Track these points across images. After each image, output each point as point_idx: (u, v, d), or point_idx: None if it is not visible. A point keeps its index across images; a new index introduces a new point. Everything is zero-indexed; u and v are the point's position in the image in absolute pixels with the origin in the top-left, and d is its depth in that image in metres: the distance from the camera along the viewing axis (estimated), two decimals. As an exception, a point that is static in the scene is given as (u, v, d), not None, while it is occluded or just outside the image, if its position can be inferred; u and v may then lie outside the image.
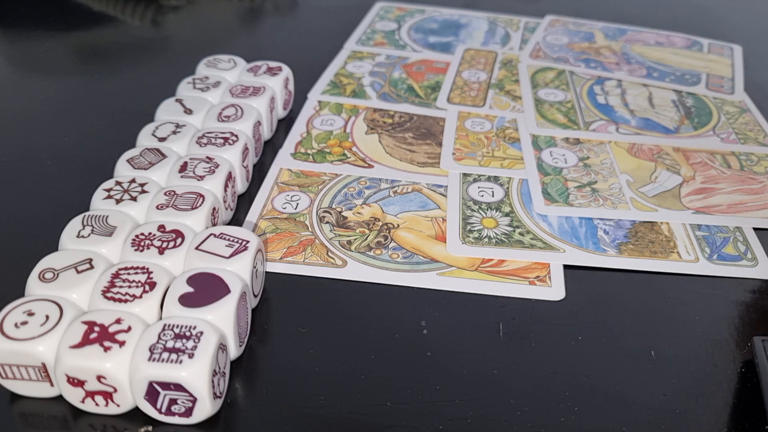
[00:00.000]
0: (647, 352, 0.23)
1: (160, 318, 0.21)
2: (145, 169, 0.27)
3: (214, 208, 0.25)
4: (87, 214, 0.24)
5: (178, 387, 0.19)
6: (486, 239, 0.27)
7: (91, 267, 0.22)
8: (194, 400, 0.19)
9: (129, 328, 0.19)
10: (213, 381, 0.19)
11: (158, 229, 0.23)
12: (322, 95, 0.37)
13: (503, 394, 0.21)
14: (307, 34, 0.45)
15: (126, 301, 0.20)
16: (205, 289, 0.21)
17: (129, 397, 0.19)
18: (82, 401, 0.20)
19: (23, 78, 0.39)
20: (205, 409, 0.19)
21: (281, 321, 0.23)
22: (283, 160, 0.31)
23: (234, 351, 0.21)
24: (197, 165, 0.27)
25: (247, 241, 0.23)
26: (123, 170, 0.27)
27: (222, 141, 0.28)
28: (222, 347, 0.20)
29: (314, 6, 0.49)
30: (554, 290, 0.25)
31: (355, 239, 0.27)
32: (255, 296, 0.23)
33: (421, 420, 0.20)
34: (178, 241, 0.23)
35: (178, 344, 0.19)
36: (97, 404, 0.20)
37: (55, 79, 0.38)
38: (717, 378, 0.22)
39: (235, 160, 0.28)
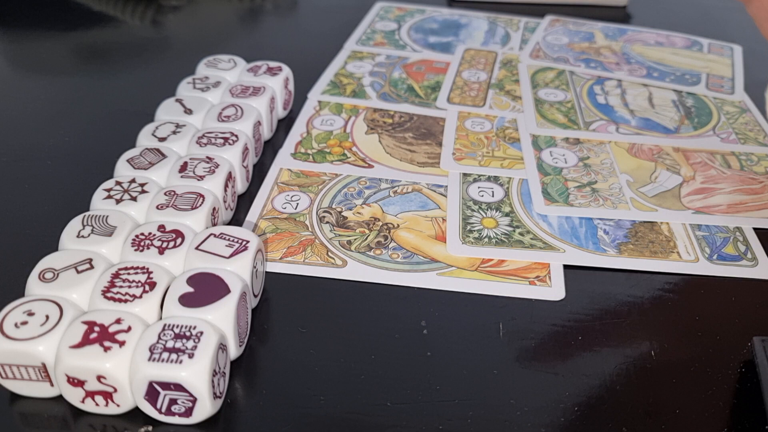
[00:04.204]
0: (647, 352, 0.23)
1: (160, 318, 0.21)
2: (145, 169, 0.27)
3: (214, 208, 0.25)
4: (87, 214, 0.24)
5: (178, 387, 0.19)
6: (486, 239, 0.27)
7: (91, 267, 0.22)
8: (194, 400, 0.19)
9: (129, 328, 0.19)
10: (213, 381, 0.19)
11: (158, 229, 0.23)
12: (322, 95, 0.37)
13: (503, 394, 0.21)
14: (307, 34, 0.45)
15: (126, 301, 0.20)
16: (205, 289, 0.21)
17: (129, 397, 0.19)
18: (82, 401, 0.20)
19: (23, 78, 0.39)
20: (205, 409, 0.19)
21: (281, 321, 0.23)
22: (283, 160, 0.31)
23: (234, 351, 0.21)
24: (197, 165, 0.27)
25: (247, 241, 0.23)
26: (123, 170, 0.27)
27: (222, 141, 0.28)
28: (222, 347, 0.20)
29: (314, 6, 0.49)
30: (554, 290, 0.25)
31: (355, 239, 0.27)
32: (255, 296, 0.23)
33: (421, 420, 0.20)
34: (178, 241, 0.23)
35: (178, 344, 0.19)
36: (97, 404, 0.20)
37: (55, 79, 0.38)
38: (717, 378, 0.22)
39: (235, 160, 0.28)
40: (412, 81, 0.38)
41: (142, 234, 0.23)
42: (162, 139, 0.28)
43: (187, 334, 0.19)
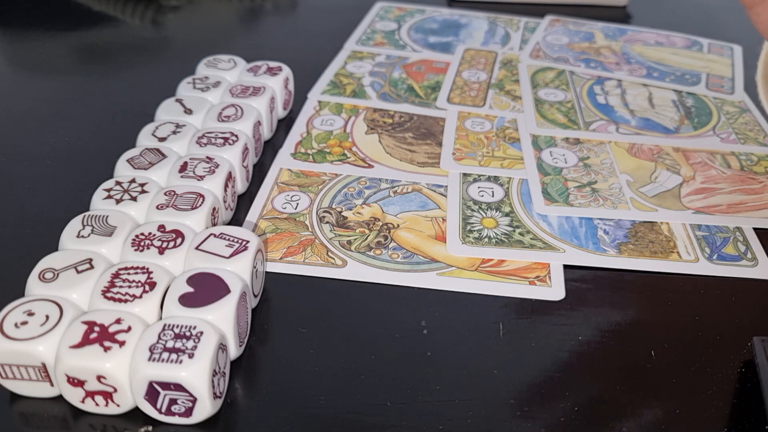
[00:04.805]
0: (647, 352, 0.23)
1: (160, 318, 0.21)
2: (145, 169, 0.27)
3: (214, 208, 0.25)
4: (87, 214, 0.24)
5: (178, 387, 0.19)
6: (486, 239, 0.27)
7: (91, 267, 0.22)
8: (194, 400, 0.19)
9: (129, 328, 0.19)
10: (213, 381, 0.19)
11: (158, 229, 0.23)
12: (322, 95, 0.37)
13: (503, 394, 0.21)
14: (307, 34, 0.45)
15: (126, 301, 0.20)
16: (205, 289, 0.21)
17: (129, 397, 0.19)
18: (82, 401, 0.20)
19: (23, 78, 0.39)
20: (205, 409, 0.19)
21: (281, 321, 0.23)
22: (283, 160, 0.31)
23: (234, 351, 0.21)
24: (197, 165, 0.27)
25: (247, 241, 0.23)
26: (123, 170, 0.27)
27: (222, 141, 0.28)
28: (222, 347, 0.20)
29: (314, 6, 0.49)
30: (554, 290, 0.25)
31: (355, 239, 0.27)
32: (255, 296, 0.23)
33: (421, 420, 0.20)
34: (178, 241, 0.23)
35: (178, 344, 0.19)
36: (97, 404, 0.20)
37: (55, 79, 0.38)
38: (717, 378, 0.22)
39: (235, 160, 0.28)
40: (412, 81, 0.38)
41: (142, 234, 0.23)
42: (162, 139, 0.28)
43: (187, 334, 0.19)
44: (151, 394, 0.19)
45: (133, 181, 0.26)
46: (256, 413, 0.20)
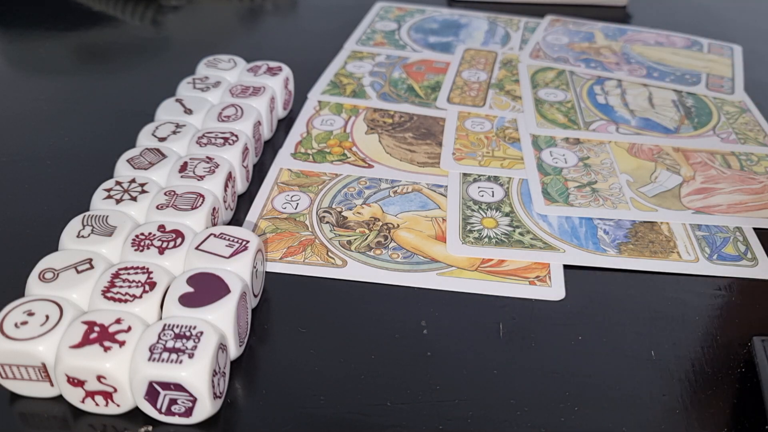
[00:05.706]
0: (647, 352, 0.23)
1: (160, 318, 0.21)
2: (145, 169, 0.27)
3: (214, 208, 0.25)
4: (87, 214, 0.24)
5: (178, 387, 0.19)
6: (486, 239, 0.27)
7: (91, 267, 0.22)
8: (194, 400, 0.19)
9: (129, 328, 0.19)
10: (213, 381, 0.19)
11: (158, 229, 0.23)
12: (322, 95, 0.37)
13: (503, 394, 0.21)
14: (307, 34, 0.45)
15: (126, 301, 0.20)
16: (205, 289, 0.21)
17: (129, 397, 0.19)
18: (82, 401, 0.20)
19: (23, 78, 0.39)
20: (205, 409, 0.19)
21: (281, 321, 0.23)
22: (283, 160, 0.31)
23: (234, 351, 0.21)
24: (197, 165, 0.27)
25: (247, 241, 0.23)
26: (123, 170, 0.27)
27: (222, 141, 0.28)
28: (222, 347, 0.20)
29: (314, 6, 0.49)
30: (554, 290, 0.25)
31: (355, 239, 0.27)
32: (255, 296, 0.23)
33: (421, 420, 0.20)
34: (178, 241, 0.23)
35: (178, 344, 0.19)
36: (97, 404, 0.20)
37: (55, 79, 0.38)
38: (717, 378, 0.22)
39: (235, 160, 0.28)
40: (412, 81, 0.38)
41: (142, 234, 0.23)
42: (162, 139, 0.28)
43: (187, 334, 0.19)
44: (151, 394, 0.19)
45: (133, 181, 0.26)
46: (256, 413, 0.20)
